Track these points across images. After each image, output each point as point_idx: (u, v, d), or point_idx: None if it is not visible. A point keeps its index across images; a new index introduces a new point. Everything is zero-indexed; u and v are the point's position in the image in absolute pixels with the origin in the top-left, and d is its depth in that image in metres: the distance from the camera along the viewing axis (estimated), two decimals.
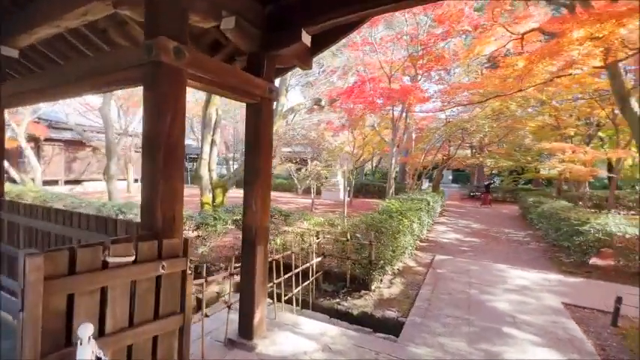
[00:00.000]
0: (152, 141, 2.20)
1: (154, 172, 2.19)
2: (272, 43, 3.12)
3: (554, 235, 8.01)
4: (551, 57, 6.43)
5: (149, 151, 2.21)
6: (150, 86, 2.22)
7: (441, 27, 10.85)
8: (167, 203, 2.23)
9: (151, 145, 2.20)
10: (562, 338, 3.72)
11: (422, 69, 9.93)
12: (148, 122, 2.23)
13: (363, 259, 5.03)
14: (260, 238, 3.26)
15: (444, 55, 9.95)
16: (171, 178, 2.25)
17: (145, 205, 2.25)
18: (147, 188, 2.23)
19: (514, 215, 14.56)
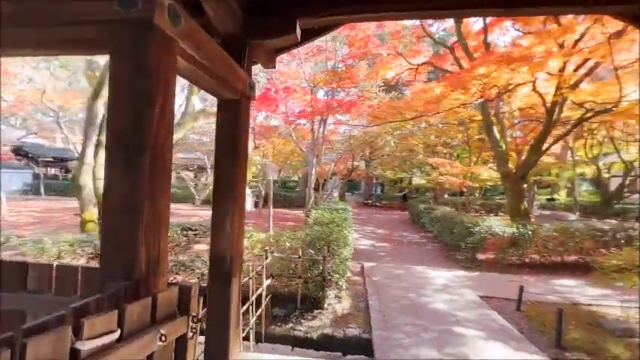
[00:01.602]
0: (129, 141, 1.43)
1: (133, 187, 1.42)
2: (258, 29, 2.58)
3: (448, 237, 9.50)
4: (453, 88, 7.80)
5: (122, 156, 1.43)
6: (128, 56, 1.45)
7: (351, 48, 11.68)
8: (153, 235, 1.49)
9: (127, 146, 1.43)
10: (495, 329, 4.31)
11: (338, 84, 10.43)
12: (123, 111, 1.45)
13: (317, 276, 4.73)
14: (236, 269, 2.60)
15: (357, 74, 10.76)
16: (159, 197, 1.52)
17: (112, 239, 1.44)
18: (118, 212, 1.43)
19: (405, 220, 16.77)
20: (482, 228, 7.67)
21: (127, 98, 1.44)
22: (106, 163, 1.47)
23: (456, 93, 8.26)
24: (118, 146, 1.44)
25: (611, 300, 5.47)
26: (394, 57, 11.47)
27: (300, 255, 4.68)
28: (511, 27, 11.47)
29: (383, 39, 13.47)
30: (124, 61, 1.45)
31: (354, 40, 11.48)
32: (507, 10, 2.41)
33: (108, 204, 1.45)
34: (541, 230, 7.50)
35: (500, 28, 11.62)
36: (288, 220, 13.40)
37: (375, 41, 12.27)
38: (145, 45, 1.44)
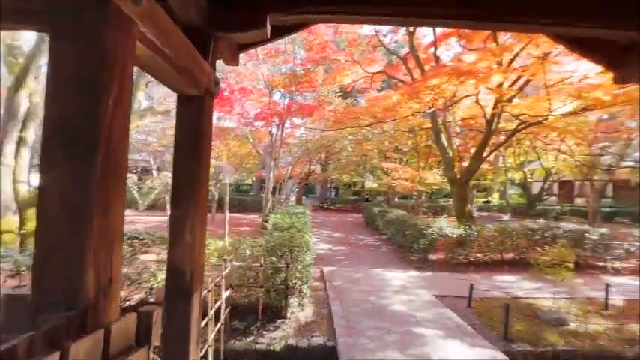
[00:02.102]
0: (75, 137, 1.18)
1: (80, 193, 1.17)
2: (224, 21, 2.38)
3: (401, 239, 9.89)
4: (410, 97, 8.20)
5: (65, 156, 1.18)
6: (77, 35, 1.20)
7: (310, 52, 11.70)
8: (105, 251, 1.24)
9: (72, 144, 1.18)
10: (451, 326, 4.53)
11: (297, 88, 10.36)
12: (67, 102, 1.19)
13: (279, 284, 4.54)
14: (197, 284, 2.35)
15: (316, 78, 10.79)
16: (113, 205, 1.28)
17: (50, 257, 1.17)
18: (59, 223, 1.17)
19: (359, 223, 17.18)
20: (434, 230, 8.11)
21: (74, 87, 1.19)
22: (41, 164, 1.19)
23: (411, 102, 8.69)
24: (59, 144, 1.18)
25: (543, 292, 6.11)
26: (351, 64, 11.74)
27: (262, 263, 4.46)
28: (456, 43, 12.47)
29: (339, 46, 13.74)
30: (70, 41, 1.19)
31: (312, 44, 11.53)
32: (477, 22, 2.53)
33: (44, 213, 1.17)
34: (484, 231, 8.17)
35: (446, 43, 12.55)
36: (243, 226, 12.90)
37: (332, 47, 12.44)
38: (99, 23, 1.20)
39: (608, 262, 8.10)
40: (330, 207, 24.17)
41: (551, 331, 4.53)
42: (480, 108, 10.25)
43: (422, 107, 8.97)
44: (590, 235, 8.00)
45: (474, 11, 2.45)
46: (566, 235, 7.94)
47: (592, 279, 7.23)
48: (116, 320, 1.23)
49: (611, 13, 2.49)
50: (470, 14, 2.47)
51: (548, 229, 8.06)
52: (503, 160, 20.52)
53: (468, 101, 10.21)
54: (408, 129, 15.21)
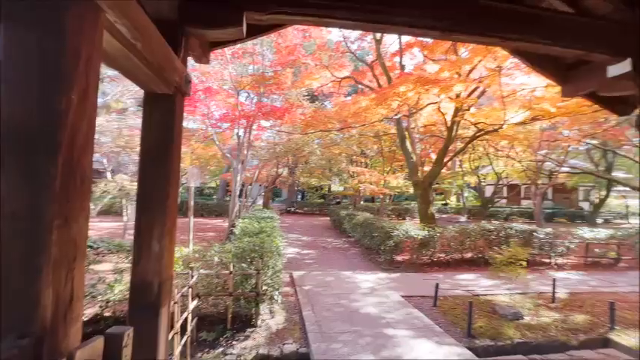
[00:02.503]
0: (31, 138, 1.04)
1: (36, 203, 1.02)
2: (199, 16, 2.27)
3: (369, 241, 10.08)
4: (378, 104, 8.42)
5: (18, 159, 1.02)
6: (35, 19, 1.05)
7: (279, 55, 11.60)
8: (65, 270, 1.10)
9: (27, 146, 1.03)
10: (420, 326, 4.68)
11: (265, 90, 10.19)
12: (22, 96, 1.04)
13: (250, 292, 4.39)
14: (165, 297, 2.19)
15: (286, 81, 10.70)
16: (76, 216, 1.14)
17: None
18: (9, 237, 1.01)
19: (327, 226, 17.26)
20: (401, 232, 8.37)
21: (29, 81, 1.04)
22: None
23: (380, 107, 8.93)
24: (11, 146, 1.01)
25: (500, 289, 6.54)
26: (319, 69, 11.82)
27: (232, 270, 4.28)
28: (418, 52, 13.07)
29: (307, 50, 13.79)
30: (24, 27, 1.04)
31: (281, 47, 11.43)
32: (446, 34, 2.64)
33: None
34: (446, 232, 8.59)
35: (410, 52, 13.11)
36: (208, 231, 12.38)
37: (300, 51, 12.44)
38: (59, 8, 1.06)
39: (553, 259, 8.90)
40: (298, 210, 24.05)
41: (509, 326, 4.85)
42: (441, 115, 10.83)
43: (389, 113, 9.26)
44: (538, 235, 8.74)
45: (445, 23, 2.57)
46: (517, 234, 8.61)
47: (540, 275, 7.89)
48: (79, 347, 1.08)
49: (565, 33, 2.74)
50: (440, 26, 2.58)
51: (502, 230, 8.68)
52: (460, 164, 21.89)
53: (429, 109, 10.75)
54: (373, 134, 15.64)
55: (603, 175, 15.66)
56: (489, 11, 2.59)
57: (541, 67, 3.86)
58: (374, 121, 10.00)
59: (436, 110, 10.71)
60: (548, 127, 13.91)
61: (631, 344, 4.51)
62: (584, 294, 6.48)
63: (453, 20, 2.51)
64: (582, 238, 9.15)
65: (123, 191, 12.51)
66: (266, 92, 10.55)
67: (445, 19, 2.49)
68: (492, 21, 2.62)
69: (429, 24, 2.49)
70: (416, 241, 8.50)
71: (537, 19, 2.73)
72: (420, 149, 15.24)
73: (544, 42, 2.74)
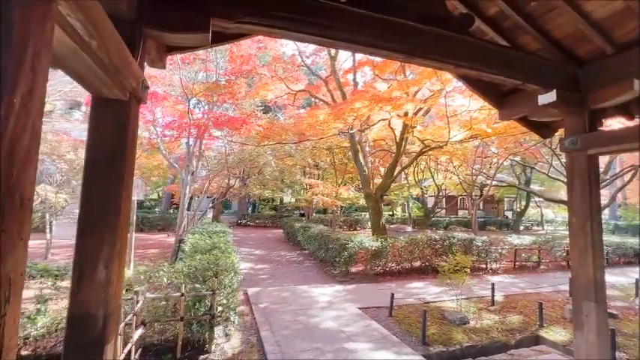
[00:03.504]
0: None
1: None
2: (160, 17, 2.09)
3: (323, 254, 10.08)
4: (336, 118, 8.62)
5: None
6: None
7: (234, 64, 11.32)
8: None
9: None
10: (378, 337, 4.75)
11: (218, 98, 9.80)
12: None
13: (204, 315, 4.05)
14: (112, 332, 1.90)
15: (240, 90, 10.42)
16: (12, 244, 0.94)
17: None
18: None
19: (280, 238, 16.92)
20: (355, 244, 8.53)
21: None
22: None
23: (336, 121, 9.16)
24: None
25: (447, 295, 6.96)
26: (275, 80, 11.78)
27: (184, 292, 3.91)
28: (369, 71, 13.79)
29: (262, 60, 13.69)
30: None
31: (235, 56, 11.18)
32: (406, 56, 2.80)
33: None
34: (397, 242, 8.97)
35: (362, 70, 13.78)
36: (150, 247, 11.31)
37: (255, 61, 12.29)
38: None
39: (488, 264, 9.81)
40: (249, 223, 23.27)
41: (457, 331, 5.17)
42: (390, 131, 11.46)
43: (345, 127, 9.54)
44: (476, 243, 9.58)
45: (406, 47, 2.72)
46: (459, 243, 9.33)
47: (479, 280, 8.61)
48: None
49: (505, 64, 3.09)
50: (402, 49, 2.73)
51: (446, 239, 9.34)
52: (405, 177, 23.28)
53: (379, 124, 11.34)
54: (326, 147, 15.96)
55: (524, 187, 17.85)
56: (444, 40, 2.82)
57: (482, 92, 4.30)
58: (330, 135, 10.20)
59: (386, 126, 11.34)
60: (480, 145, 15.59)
61: (557, 339, 5.09)
62: (517, 296, 7.21)
63: (413, 45, 2.68)
64: (511, 244, 10.25)
65: (46, 204, 10.89)
66: (218, 101, 10.16)
67: (407, 43, 2.65)
68: (447, 49, 2.85)
69: (394, 47, 2.62)
70: (369, 252, 8.72)
71: (484, 51, 3.05)
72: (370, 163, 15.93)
73: (489, 71, 3.05)
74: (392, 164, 11.28)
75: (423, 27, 2.67)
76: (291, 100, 14.10)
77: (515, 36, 3.60)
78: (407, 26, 2.61)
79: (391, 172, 11.17)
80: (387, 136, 14.37)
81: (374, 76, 12.72)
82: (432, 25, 2.71)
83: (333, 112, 8.90)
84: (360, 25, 2.48)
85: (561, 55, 3.49)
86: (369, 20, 2.49)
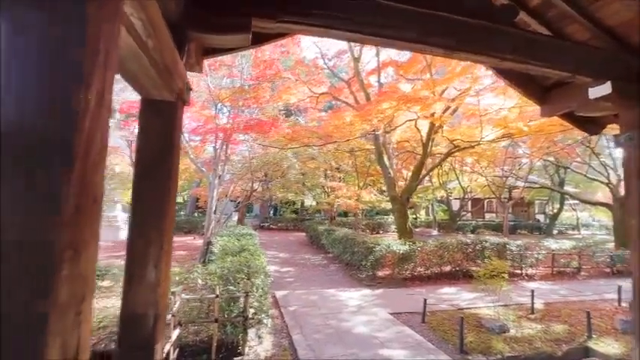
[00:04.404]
0: (40, 144, 0.83)
1: (47, 227, 0.81)
2: (204, 21, 2.11)
3: (349, 257, 9.95)
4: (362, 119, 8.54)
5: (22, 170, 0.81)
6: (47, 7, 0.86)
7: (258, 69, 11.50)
8: (73, 313, 0.88)
9: (32, 153, 0.82)
10: (413, 344, 4.58)
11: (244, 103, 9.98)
12: (31, 93, 0.83)
13: (237, 317, 4.06)
14: (160, 332, 1.90)
15: (264, 95, 10.57)
16: (87, 244, 0.93)
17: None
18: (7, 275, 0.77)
19: (303, 241, 16.92)
20: (382, 247, 8.35)
21: (40, 77, 0.83)
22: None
23: (363, 123, 9.06)
24: (15, 156, 0.80)
25: (481, 302, 6.65)
26: (297, 84, 11.86)
27: (218, 293, 3.94)
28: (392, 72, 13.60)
29: (285, 65, 13.83)
30: (37, 17, 0.84)
31: (260, 61, 11.35)
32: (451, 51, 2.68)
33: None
34: (426, 246, 8.71)
35: (385, 71, 13.60)
36: (177, 249, 11.58)
37: (278, 66, 12.43)
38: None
39: (523, 270, 9.31)
40: (271, 226, 23.47)
41: (497, 339, 4.90)
42: (416, 132, 11.20)
43: (372, 129, 9.42)
44: (510, 247, 9.13)
45: (450, 41, 2.61)
46: (492, 247, 8.93)
47: (514, 286, 8.17)
48: None
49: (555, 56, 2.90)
50: (446, 44, 2.62)
51: (478, 243, 8.97)
52: (429, 179, 22.70)
53: (403, 125, 11.12)
54: (348, 149, 15.84)
55: (559, 189, 16.93)
56: (489, 33, 2.68)
57: (522, 87, 4.08)
58: (357, 137, 10.11)
59: (410, 127, 11.10)
60: (510, 145, 14.94)
61: (608, 352, 4.72)
62: (558, 304, 6.78)
63: (459, 39, 2.56)
64: (549, 249, 9.69)
65: None
66: (244, 105, 10.34)
67: (452, 37, 2.54)
68: (492, 42, 2.71)
69: (438, 42, 2.52)
70: (397, 255, 8.51)
71: (531, 42, 2.88)
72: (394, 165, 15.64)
73: (536, 63, 2.87)
74: (418, 166, 11.00)
75: (468, 20, 2.55)
76: (312, 104, 14.14)
77: (562, 25, 3.38)
78: (452, 20, 2.49)
79: (417, 175, 10.90)
80: (411, 138, 14.07)
81: (397, 76, 12.55)
82: (477, 18, 2.58)
83: (360, 113, 8.80)
84: (405, 21, 2.40)
85: (614, 43, 3.24)
86: (414, 16, 2.40)
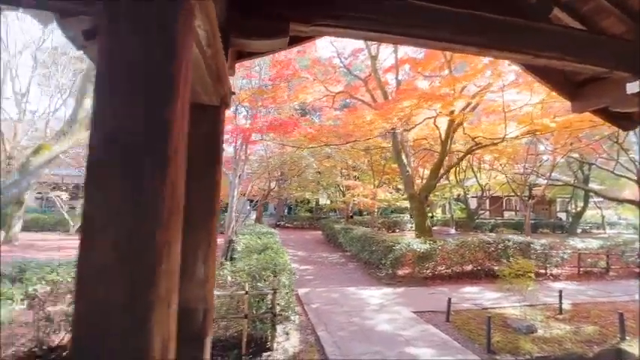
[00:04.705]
0: (136, 150, 0.90)
1: (147, 228, 0.89)
2: (244, 26, 2.18)
3: (367, 255, 9.95)
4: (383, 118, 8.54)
5: (120, 173, 0.89)
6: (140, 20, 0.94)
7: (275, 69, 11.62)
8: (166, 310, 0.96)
9: (130, 159, 0.90)
10: (439, 343, 4.57)
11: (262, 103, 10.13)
12: (126, 100, 0.91)
13: (265, 313, 4.16)
14: (209, 327, 2.01)
15: (282, 95, 10.70)
16: (174, 245, 1.01)
17: (95, 327, 0.85)
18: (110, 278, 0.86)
19: (319, 240, 17.01)
20: (402, 246, 8.32)
21: (134, 85, 0.91)
22: (86, 192, 0.87)
23: (384, 121, 9.04)
24: (115, 164, 0.88)
25: (507, 301, 6.55)
26: (314, 83, 11.92)
27: (247, 290, 4.05)
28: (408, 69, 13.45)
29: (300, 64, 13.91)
30: (131, 29, 0.92)
31: (277, 61, 11.47)
32: (482, 49, 2.67)
33: (88, 260, 0.85)
34: (447, 245, 8.62)
35: (402, 68, 13.47)
36: None
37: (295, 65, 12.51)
38: (168, 8, 0.95)
39: (548, 270, 9.08)
40: (287, 225, 23.68)
41: (525, 340, 4.82)
42: (431, 130, 11.08)
43: (391, 127, 9.39)
44: (535, 246, 8.93)
45: (483, 39, 2.60)
46: (515, 246, 8.75)
47: (539, 286, 7.97)
48: None
49: (591, 52, 2.84)
50: (478, 42, 2.62)
51: (501, 242, 8.81)
52: (446, 177, 22.34)
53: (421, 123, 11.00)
54: (363, 148, 15.79)
55: (583, 186, 16.38)
56: (523, 29, 2.65)
57: (552, 83, 3.99)
58: (376, 135, 10.09)
59: (427, 125, 10.96)
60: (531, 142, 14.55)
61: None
62: (587, 304, 6.60)
63: (492, 37, 2.55)
64: (575, 248, 9.42)
65: None
66: (262, 105, 10.49)
67: (485, 35, 2.53)
68: (525, 39, 2.68)
69: (472, 40, 2.52)
70: (417, 254, 8.47)
71: (566, 38, 2.83)
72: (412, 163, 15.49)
73: (572, 59, 2.82)
74: (437, 164, 10.87)
75: (503, 18, 2.53)
76: (327, 103, 14.17)
77: (597, 20, 3.30)
78: (486, 18, 2.48)
79: (436, 172, 10.77)
80: (428, 135, 13.91)
81: (414, 74, 12.42)
82: (512, 15, 2.56)
83: (380, 112, 8.78)
84: (438, 20, 2.41)
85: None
86: (448, 15, 2.41)
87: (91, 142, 0.88)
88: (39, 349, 3.80)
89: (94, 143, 0.87)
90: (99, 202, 0.86)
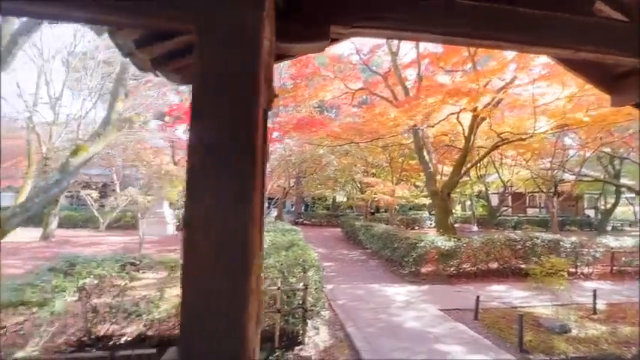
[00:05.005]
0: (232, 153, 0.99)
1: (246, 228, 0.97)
2: (289, 31, 2.24)
3: (389, 253, 9.93)
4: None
5: (218, 176, 0.98)
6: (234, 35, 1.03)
7: (295, 68, 11.73)
8: (256, 296, 1.04)
9: (226, 162, 0.99)
10: (469, 341, 4.55)
11: (284, 102, 10.28)
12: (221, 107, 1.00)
13: (296, 308, 4.27)
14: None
15: (303, 93, 10.80)
16: (258, 239, 1.09)
17: (201, 320, 0.94)
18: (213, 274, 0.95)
19: (338, 237, 17.07)
20: (426, 243, 8.27)
21: (228, 95, 1.00)
22: (188, 194, 0.97)
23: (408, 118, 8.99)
24: (211, 166, 0.97)
25: (536, 300, 6.42)
26: (333, 80, 11.95)
27: (280, 286, 4.17)
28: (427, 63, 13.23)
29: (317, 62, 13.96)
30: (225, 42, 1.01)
31: (296, 60, 11.57)
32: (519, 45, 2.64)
33: (194, 258, 0.94)
34: (472, 242, 8.49)
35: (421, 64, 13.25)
36: None
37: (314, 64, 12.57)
38: (256, 24, 1.04)
39: (579, 269, 8.79)
40: (305, 222, 23.87)
41: (559, 339, 4.73)
42: (456, 125, 10.89)
43: (415, 124, 9.31)
44: (564, 244, 8.66)
45: (525, 37, 2.57)
46: (543, 244, 8.52)
47: (571, 285, 7.75)
48: None
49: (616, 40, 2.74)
50: (520, 40, 2.59)
51: (528, 239, 8.60)
52: (467, 173, 21.85)
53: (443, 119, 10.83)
54: (381, 145, 15.69)
55: (615, 182, 15.67)
56: (564, 24, 2.59)
57: (588, 75, 3.86)
58: (400, 132, 10.03)
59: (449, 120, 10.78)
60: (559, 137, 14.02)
61: None
62: (623, 304, 6.38)
63: (534, 33, 2.52)
64: (607, 246, 9.07)
65: (134, 204, 12.37)
66: (283, 104, 10.62)
67: (528, 32, 2.50)
68: (566, 33, 2.62)
69: (514, 38, 2.50)
70: (441, 251, 8.39)
71: (609, 30, 2.75)
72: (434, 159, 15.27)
73: (616, 52, 2.74)
74: (459, 160, 10.69)
75: (542, 12, 2.50)
76: (347, 100, 14.16)
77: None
78: (529, 14, 2.45)
79: (459, 169, 10.60)
80: (449, 132, 13.67)
81: (434, 69, 12.21)
82: (555, 10, 2.52)
83: (405, 108, 8.73)
84: (479, 18, 2.39)
85: None
86: (488, 12, 2.39)
87: (189, 149, 0.97)
88: (87, 338, 4.06)
89: (193, 150, 0.96)
90: (201, 198, 0.95)
